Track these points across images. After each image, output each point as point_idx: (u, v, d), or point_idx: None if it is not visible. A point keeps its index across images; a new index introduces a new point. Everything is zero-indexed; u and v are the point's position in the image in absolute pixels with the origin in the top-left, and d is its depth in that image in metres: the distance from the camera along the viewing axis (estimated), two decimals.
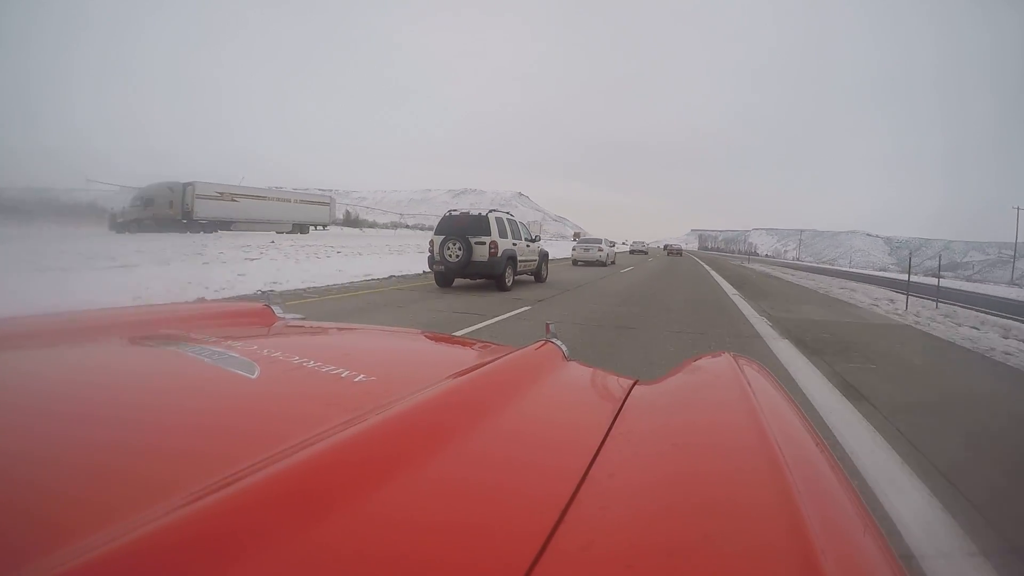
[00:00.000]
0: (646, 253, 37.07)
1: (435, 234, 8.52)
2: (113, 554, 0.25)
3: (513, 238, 8.92)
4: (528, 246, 9.57)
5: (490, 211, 8.77)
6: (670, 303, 7.93)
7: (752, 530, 0.34)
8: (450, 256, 8.10)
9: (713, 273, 17.96)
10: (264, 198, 31.00)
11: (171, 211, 25.75)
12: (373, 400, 0.49)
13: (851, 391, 3.39)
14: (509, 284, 8.55)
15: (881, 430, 2.66)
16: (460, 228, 8.28)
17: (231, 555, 0.27)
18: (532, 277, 9.94)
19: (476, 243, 8.11)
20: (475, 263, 8.08)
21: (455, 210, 8.95)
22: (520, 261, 9.02)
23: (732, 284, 12.85)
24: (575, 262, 18.14)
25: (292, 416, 0.50)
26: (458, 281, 8.71)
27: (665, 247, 48.71)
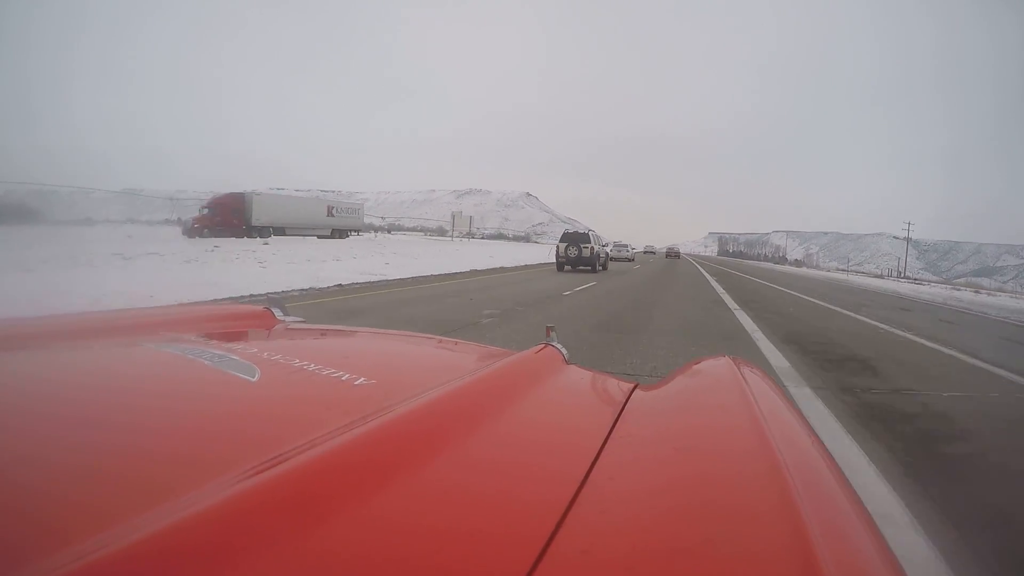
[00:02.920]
0: (654, 253, 59.60)
1: (560, 242, 17.28)
2: (114, 557, 0.26)
3: (597, 244, 17.75)
4: (602, 248, 19.16)
5: (589, 230, 18.04)
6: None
7: (753, 533, 0.35)
8: (570, 253, 16.73)
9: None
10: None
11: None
12: (373, 403, 0.51)
13: None
14: (597, 270, 17.15)
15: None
16: (574, 238, 17.03)
17: (231, 558, 0.28)
18: (602, 267, 18.57)
19: (583, 247, 16.64)
20: (582, 258, 16.62)
21: (570, 229, 18.38)
22: (599, 257, 17.82)
23: None
24: (611, 259, 27.53)
25: (292, 419, 0.52)
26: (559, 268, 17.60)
27: (667, 250, 67.43)
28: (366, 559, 0.31)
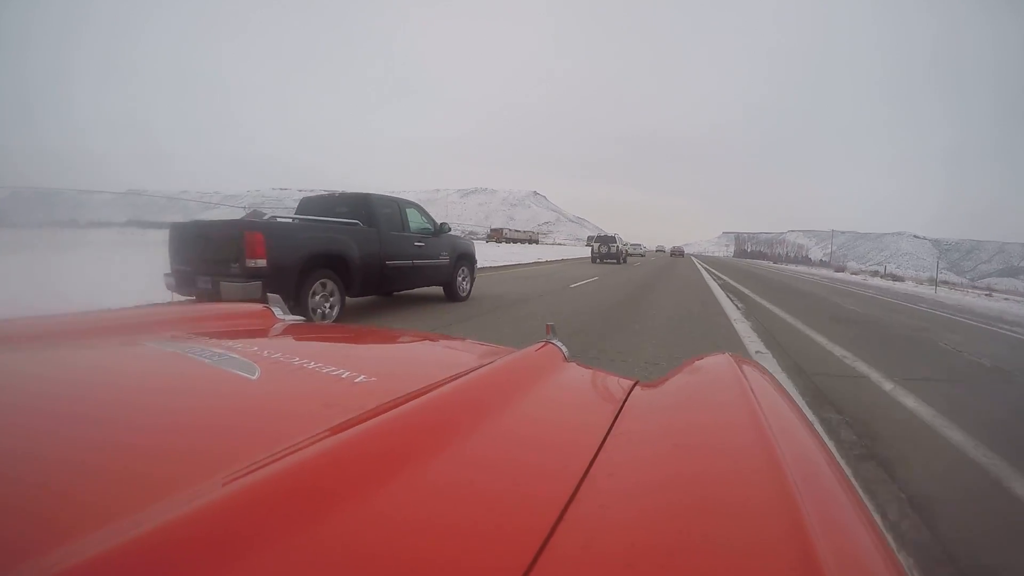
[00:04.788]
0: (665, 252, 69.80)
1: (594, 242, 27.60)
2: (114, 553, 0.27)
3: (621, 244, 27.60)
4: (624, 246, 29.30)
5: (615, 234, 28.02)
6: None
7: (752, 530, 0.35)
8: (601, 250, 26.37)
9: None
10: None
11: None
12: (374, 401, 0.52)
13: None
14: (620, 262, 26.31)
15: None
16: (605, 240, 26.93)
17: (230, 555, 0.29)
18: (623, 261, 27.38)
19: (611, 245, 26.47)
20: (611, 253, 26.11)
21: (602, 232, 29.07)
22: (622, 253, 27.55)
23: None
24: (628, 255, 36.80)
25: (293, 417, 0.53)
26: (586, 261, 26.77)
27: (671, 249, 73.20)
28: (367, 555, 0.32)
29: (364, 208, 6.20)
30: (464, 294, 7.63)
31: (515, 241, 66.31)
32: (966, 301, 17.40)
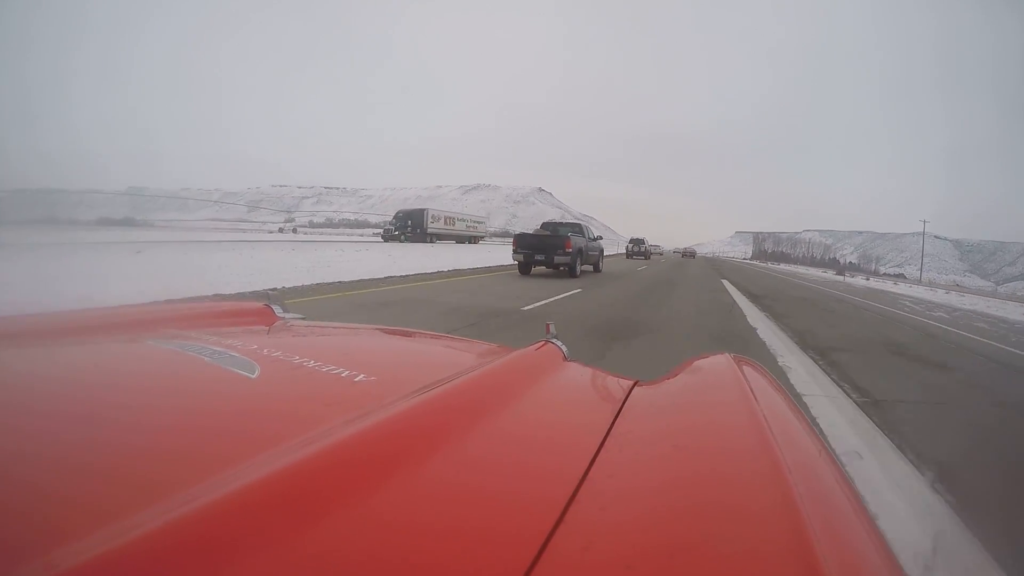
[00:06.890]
0: (676, 252, 77.85)
1: (629, 243, 42.73)
2: (112, 555, 0.28)
3: (648, 244, 42.59)
4: (651, 246, 45.81)
5: (643, 237, 42.57)
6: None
7: (753, 531, 0.36)
8: (633, 249, 41.05)
9: None
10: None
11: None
12: (373, 400, 0.55)
13: None
14: (647, 258, 38.09)
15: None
16: (637, 241, 41.80)
17: (229, 555, 0.30)
18: (648, 257, 40.42)
19: (641, 246, 40.90)
20: (640, 251, 40.42)
21: (635, 235, 46.07)
22: (649, 252, 41.67)
23: None
24: (651, 254, 45.06)
25: (292, 416, 0.55)
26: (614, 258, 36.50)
27: (683, 250, 75.67)
28: (365, 556, 0.33)
29: (578, 228, 15.31)
30: (601, 270, 16.57)
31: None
32: None
